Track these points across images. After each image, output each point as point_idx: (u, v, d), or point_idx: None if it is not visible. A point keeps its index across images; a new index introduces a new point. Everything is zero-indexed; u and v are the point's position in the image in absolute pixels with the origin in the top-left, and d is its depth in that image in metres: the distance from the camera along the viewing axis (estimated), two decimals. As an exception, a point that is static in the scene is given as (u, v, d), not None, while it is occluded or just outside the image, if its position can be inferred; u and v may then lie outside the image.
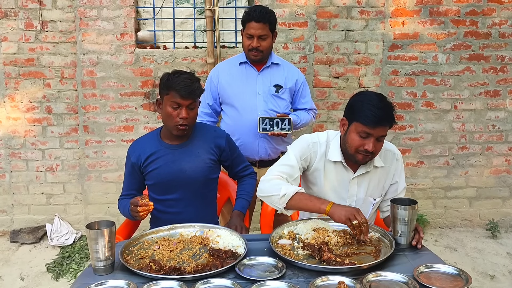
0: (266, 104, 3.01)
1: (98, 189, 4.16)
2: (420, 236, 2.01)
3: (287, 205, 2.06)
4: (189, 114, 2.28)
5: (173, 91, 2.25)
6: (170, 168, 2.35)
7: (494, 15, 4.09)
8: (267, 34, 2.94)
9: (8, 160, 4.10)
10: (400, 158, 2.29)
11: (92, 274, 1.78)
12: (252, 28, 2.90)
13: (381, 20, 4.04)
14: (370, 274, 1.70)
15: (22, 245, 4.00)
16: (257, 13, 2.90)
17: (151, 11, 4.11)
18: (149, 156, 2.37)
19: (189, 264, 1.82)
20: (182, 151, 2.38)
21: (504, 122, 4.24)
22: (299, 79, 3.13)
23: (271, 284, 1.65)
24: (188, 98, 2.25)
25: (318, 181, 2.25)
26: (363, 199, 2.24)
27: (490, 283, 3.43)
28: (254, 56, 2.97)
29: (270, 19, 2.93)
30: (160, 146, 2.39)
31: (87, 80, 4.00)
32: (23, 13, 3.92)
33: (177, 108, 2.27)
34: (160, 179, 2.37)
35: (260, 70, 3.05)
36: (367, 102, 2.04)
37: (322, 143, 2.23)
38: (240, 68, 3.07)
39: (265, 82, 3.03)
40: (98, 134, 4.08)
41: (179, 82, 2.24)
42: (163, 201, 2.40)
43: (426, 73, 4.13)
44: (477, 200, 4.34)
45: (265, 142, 3.02)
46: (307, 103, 3.18)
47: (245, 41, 2.96)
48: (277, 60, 3.11)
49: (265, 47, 2.95)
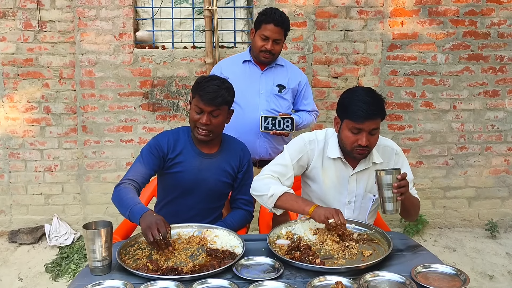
0: (268, 103, 3.01)
1: (96, 189, 4.15)
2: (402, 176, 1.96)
3: (276, 205, 2.10)
4: (211, 121, 2.23)
5: (198, 96, 2.23)
6: (195, 176, 2.32)
7: (493, 15, 4.08)
8: (281, 39, 2.96)
9: (7, 161, 4.09)
10: (400, 152, 2.29)
11: (89, 274, 1.77)
12: (269, 30, 2.90)
13: (380, 20, 4.03)
14: (367, 274, 1.69)
15: (21, 245, 3.99)
16: (277, 17, 2.90)
17: (149, 11, 4.11)
18: (177, 155, 2.31)
19: (186, 264, 1.82)
20: (211, 162, 2.35)
21: (503, 122, 4.24)
22: (302, 80, 3.13)
23: (269, 284, 1.65)
24: (210, 105, 2.20)
25: (317, 178, 2.27)
26: (363, 195, 2.25)
27: (489, 283, 3.43)
28: (265, 58, 2.98)
29: (287, 26, 2.96)
30: (191, 149, 2.34)
31: (85, 80, 4.00)
32: (21, 13, 3.91)
33: (200, 113, 2.24)
34: (181, 182, 2.33)
35: (263, 70, 3.05)
36: (354, 98, 2.07)
37: (320, 141, 2.25)
38: (243, 66, 3.07)
39: (268, 82, 3.04)
40: (96, 134, 4.07)
41: (206, 87, 2.21)
42: (175, 205, 2.38)
43: (425, 73, 4.13)
44: (476, 200, 4.33)
45: (266, 142, 3.02)
46: (309, 105, 3.19)
47: (258, 42, 2.95)
48: (281, 61, 3.12)
49: (277, 51, 2.98)
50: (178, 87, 4.04)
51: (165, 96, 4.04)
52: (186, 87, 4.03)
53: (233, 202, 2.51)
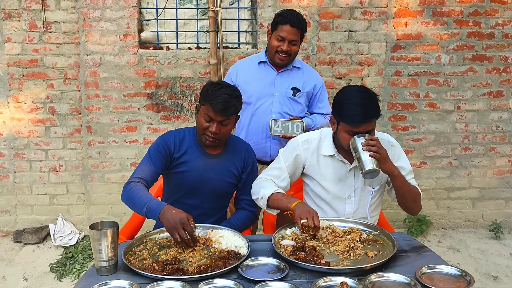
0: (281, 106, 3.01)
1: (101, 189, 4.17)
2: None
3: (268, 205, 2.21)
4: (221, 130, 2.24)
5: (208, 104, 2.20)
6: (199, 175, 2.33)
7: (497, 15, 4.08)
8: (297, 40, 2.95)
9: (12, 161, 4.11)
10: (396, 144, 2.33)
11: (95, 274, 1.78)
12: (286, 31, 2.89)
13: (384, 20, 4.03)
14: (372, 274, 1.70)
15: (26, 245, 4.01)
16: (294, 18, 2.90)
17: (154, 12, 4.12)
18: (182, 155, 2.32)
19: (192, 264, 1.83)
20: (215, 162, 2.36)
21: (508, 122, 4.23)
22: (317, 83, 3.12)
23: (274, 284, 1.65)
24: (221, 115, 2.20)
25: (315, 176, 2.33)
26: (362, 188, 2.30)
27: (493, 284, 3.43)
28: (281, 60, 2.96)
29: (303, 27, 2.95)
30: (195, 149, 2.35)
31: (90, 81, 4.02)
32: (26, 14, 3.93)
33: (209, 121, 2.23)
34: (186, 182, 2.35)
35: (279, 71, 3.04)
36: (349, 101, 2.10)
37: (314, 139, 2.32)
38: (259, 67, 3.07)
39: (283, 84, 3.02)
40: (101, 135, 4.09)
41: (217, 96, 2.19)
42: (179, 205, 2.37)
43: (429, 73, 4.12)
44: (480, 201, 4.33)
45: (277, 144, 3.02)
46: (324, 108, 3.17)
47: (275, 43, 2.93)
48: (298, 63, 3.10)
49: (294, 52, 2.96)
50: (182, 88, 4.05)
51: (169, 96, 4.06)
52: (190, 87, 4.04)
53: (238, 203, 2.52)
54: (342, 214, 2.29)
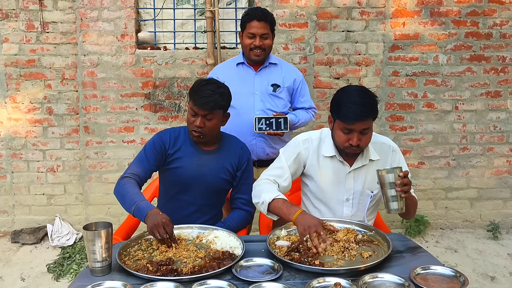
0: (264, 103, 3.02)
1: (98, 189, 4.17)
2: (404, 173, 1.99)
3: (269, 210, 2.15)
4: (205, 124, 2.29)
5: (192, 99, 2.30)
6: (193, 171, 2.36)
7: (495, 15, 4.07)
8: (268, 33, 2.98)
9: (9, 161, 4.11)
10: (396, 149, 2.32)
11: (89, 275, 1.78)
12: (254, 27, 2.93)
13: (382, 20, 4.03)
14: (366, 275, 1.70)
15: (23, 245, 4.01)
16: (258, 12, 2.95)
17: (151, 12, 4.12)
18: (176, 151, 2.36)
19: (186, 265, 1.82)
20: (210, 158, 2.39)
21: (505, 123, 4.23)
22: (297, 78, 3.13)
23: (268, 285, 1.65)
24: (203, 109, 2.26)
25: (314, 176, 2.31)
26: (360, 192, 2.28)
27: (491, 285, 3.42)
28: (257, 56, 2.99)
29: (271, 19, 2.99)
30: (189, 146, 2.39)
31: (87, 81, 4.01)
32: (24, 14, 3.93)
33: (194, 115, 2.30)
34: (180, 178, 2.37)
35: (257, 70, 3.07)
36: (346, 99, 2.09)
37: (314, 139, 2.30)
38: (237, 69, 3.09)
39: (262, 82, 3.05)
40: (98, 135, 4.09)
41: (200, 92, 2.27)
42: (175, 201, 2.42)
43: (427, 73, 4.12)
44: (478, 201, 4.33)
45: (263, 142, 3.03)
46: (306, 102, 3.18)
47: (246, 41, 2.97)
48: (274, 60, 3.12)
49: (267, 45, 2.99)
50: (179, 88, 4.05)
51: (166, 97, 4.05)
52: (188, 88, 4.03)
53: (233, 202, 2.53)
54: (340, 216, 2.27)
